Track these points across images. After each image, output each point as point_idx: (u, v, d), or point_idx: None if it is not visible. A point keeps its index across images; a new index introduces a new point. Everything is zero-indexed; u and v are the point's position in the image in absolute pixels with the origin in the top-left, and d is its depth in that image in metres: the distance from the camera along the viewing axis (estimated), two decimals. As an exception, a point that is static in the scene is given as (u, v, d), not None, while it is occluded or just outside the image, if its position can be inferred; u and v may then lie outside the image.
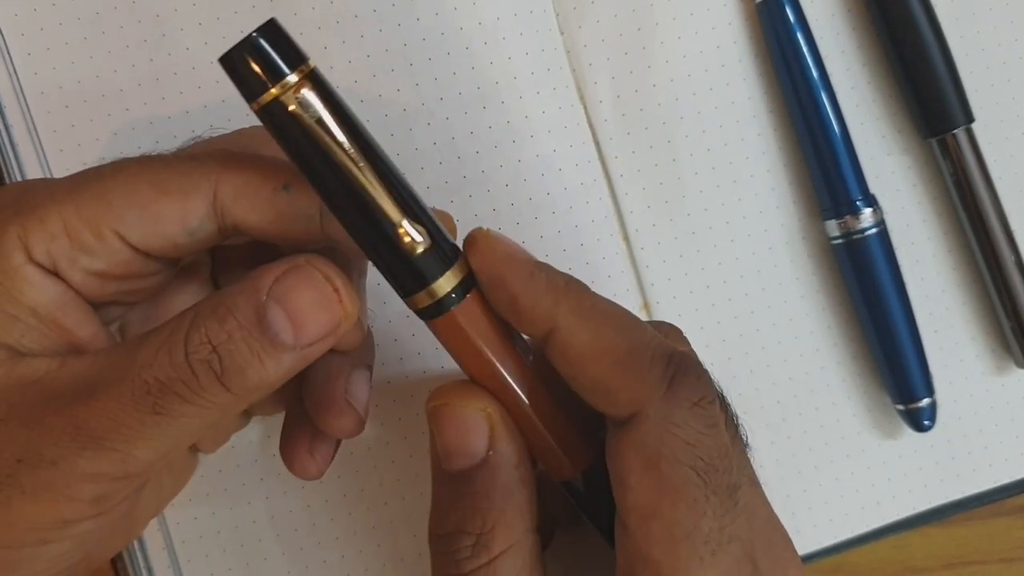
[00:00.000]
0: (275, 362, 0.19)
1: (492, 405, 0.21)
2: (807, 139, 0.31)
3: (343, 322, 0.20)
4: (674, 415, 0.20)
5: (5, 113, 0.29)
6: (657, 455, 0.19)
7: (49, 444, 0.19)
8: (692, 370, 0.20)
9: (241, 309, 0.19)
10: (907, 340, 0.31)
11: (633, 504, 0.20)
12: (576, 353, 0.20)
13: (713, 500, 0.19)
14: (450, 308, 0.21)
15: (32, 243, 0.20)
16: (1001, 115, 0.33)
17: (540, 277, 0.21)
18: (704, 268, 0.32)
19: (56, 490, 0.19)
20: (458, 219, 0.30)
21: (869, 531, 0.32)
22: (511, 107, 0.30)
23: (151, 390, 0.19)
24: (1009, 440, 0.33)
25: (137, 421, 0.19)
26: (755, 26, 0.32)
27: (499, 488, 0.21)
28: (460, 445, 0.21)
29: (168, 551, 0.30)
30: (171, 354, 0.19)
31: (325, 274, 0.20)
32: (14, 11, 0.29)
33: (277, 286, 0.19)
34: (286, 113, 0.19)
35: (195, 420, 0.19)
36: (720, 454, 0.20)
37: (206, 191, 0.21)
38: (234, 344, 0.19)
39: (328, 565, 0.31)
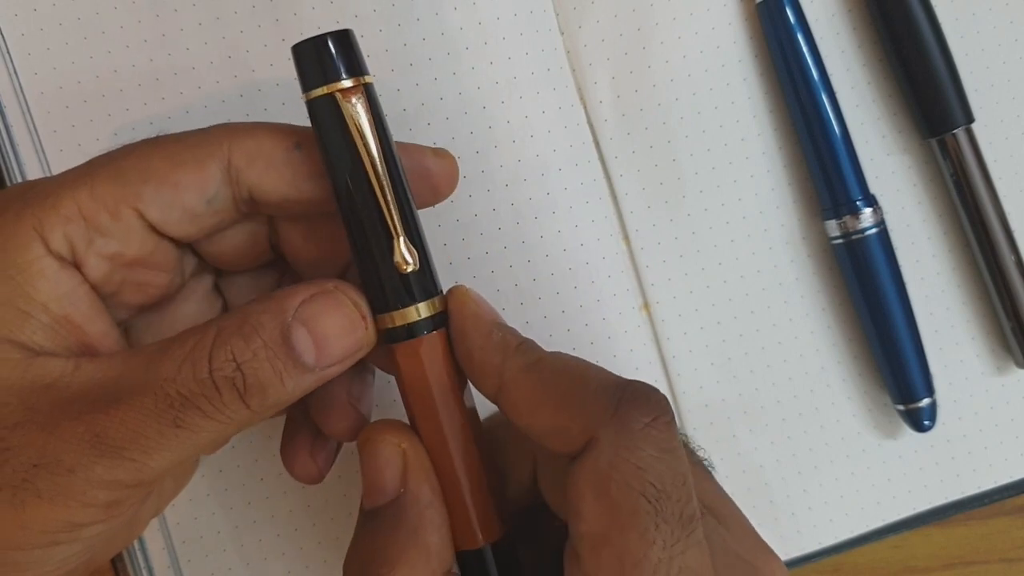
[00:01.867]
0: (295, 382, 0.20)
1: (409, 442, 0.21)
2: (807, 139, 0.31)
3: (364, 348, 0.21)
4: (624, 438, 0.19)
5: (5, 113, 0.29)
6: (607, 480, 0.19)
7: (68, 451, 0.19)
8: (643, 392, 0.20)
9: (267, 328, 0.20)
10: (907, 340, 0.31)
11: (585, 532, 0.19)
12: (524, 403, 0.21)
13: (664, 529, 0.19)
14: (414, 336, 0.21)
15: (48, 231, 0.20)
16: (1001, 115, 0.33)
17: (496, 336, 0.22)
18: (704, 268, 0.32)
19: (71, 495, 0.19)
20: (458, 219, 0.30)
21: (869, 531, 0.32)
22: (511, 107, 0.30)
23: (174, 404, 0.19)
24: (1009, 440, 0.33)
25: (157, 433, 0.19)
26: (755, 26, 0.32)
27: (404, 528, 0.20)
28: (374, 481, 0.21)
29: (168, 551, 0.30)
30: (195, 369, 0.19)
31: (354, 301, 0.21)
32: (14, 11, 0.29)
33: (304, 308, 0.20)
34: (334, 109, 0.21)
35: (212, 434, 0.19)
36: (674, 480, 0.19)
37: (220, 158, 0.21)
38: (258, 363, 0.19)
39: (328, 565, 0.31)
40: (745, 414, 0.32)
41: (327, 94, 0.21)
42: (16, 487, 0.19)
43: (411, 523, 0.21)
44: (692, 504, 0.19)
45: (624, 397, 0.20)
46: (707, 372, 0.32)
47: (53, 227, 0.20)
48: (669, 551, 0.19)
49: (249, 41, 0.30)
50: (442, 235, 0.30)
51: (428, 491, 0.21)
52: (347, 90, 0.21)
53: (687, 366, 0.32)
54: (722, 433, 0.32)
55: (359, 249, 0.21)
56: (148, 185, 0.21)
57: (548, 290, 0.30)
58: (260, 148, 0.21)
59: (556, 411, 0.20)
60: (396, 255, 0.21)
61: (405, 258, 0.21)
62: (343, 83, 0.21)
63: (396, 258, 0.21)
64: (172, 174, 0.21)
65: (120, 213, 0.21)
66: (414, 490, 0.21)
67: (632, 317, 0.31)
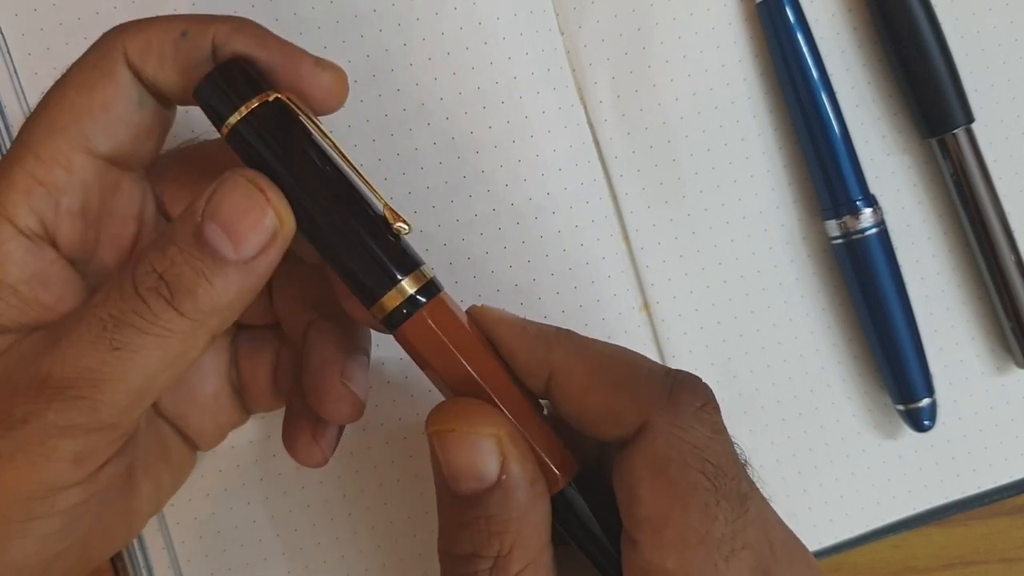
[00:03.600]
0: (221, 279, 0.19)
1: (502, 427, 0.21)
2: (807, 139, 0.31)
3: (280, 230, 0.20)
4: (679, 419, 0.20)
5: (5, 113, 0.29)
6: (665, 460, 0.19)
7: (18, 403, 0.19)
8: (692, 379, 0.21)
9: (179, 234, 0.19)
10: (907, 340, 0.31)
11: (644, 515, 0.19)
12: (576, 388, 0.21)
13: (724, 505, 0.19)
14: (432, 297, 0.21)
15: (13, 210, 0.20)
16: (1001, 115, 0.33)
17: (530, 330, 0.22)
18: (704, 268, 0.32)
19: (31, 449, 0.19)
20: (458, 219, 0.30)
21: (869, 531, 0.32)
22: (511, 107, 0.30)
23: (107, 326, 0.19)
24: (1009, 440, 0.33)
25: (98, 361, 0.19)
26: (755, 26, 0.32)
27: (515, 511, 0.20)
28: (470, 470, 0.20)
29: (168, 551, 0.30)
30: (121, 289, 0.19)
31: (249, 178, 0.20)
32: (14, 11, 0.29)
33: (209, 204, 0.20)
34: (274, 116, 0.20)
35: (156, 354, 0.19)
36: (728, 459, 0.20)
37: (121, 60, 0.21)
38: (177, 268, 0.19)
39: (328, 565, 0.31)
40: (745, 414, 0.32)
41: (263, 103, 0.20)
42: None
43: (521, 505, 0.20)
44: (744, 483, 0.20)
45: (676, 383, 0.20)
46: (707, 372, 0.32)
47: (17, 205, 0.20)
48: (732, 526, 0.19)
49: (249, 41, 0.30)
50: (442, 235, 0.30)
51: (532, 470, 0.21)
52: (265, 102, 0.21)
53: (687, 366, 0.31)
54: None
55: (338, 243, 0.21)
56: (82, 121, 0.21)
57: (548, 290, 0.30)
58: (149, 43, 0.21)
59: (609, 395, 0.20)
60: (392, 221, 0.21)
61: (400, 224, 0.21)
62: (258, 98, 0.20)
63: (394, 225, 0.21)
64: (96, 99, 0.21)
65: (72, 162, 0.20)
66: (517, 473, 0.20)
67: (632, 317, 0.31)
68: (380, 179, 0.30)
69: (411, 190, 0.30)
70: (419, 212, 0.30)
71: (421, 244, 0.30)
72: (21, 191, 0.20)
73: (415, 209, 0.30)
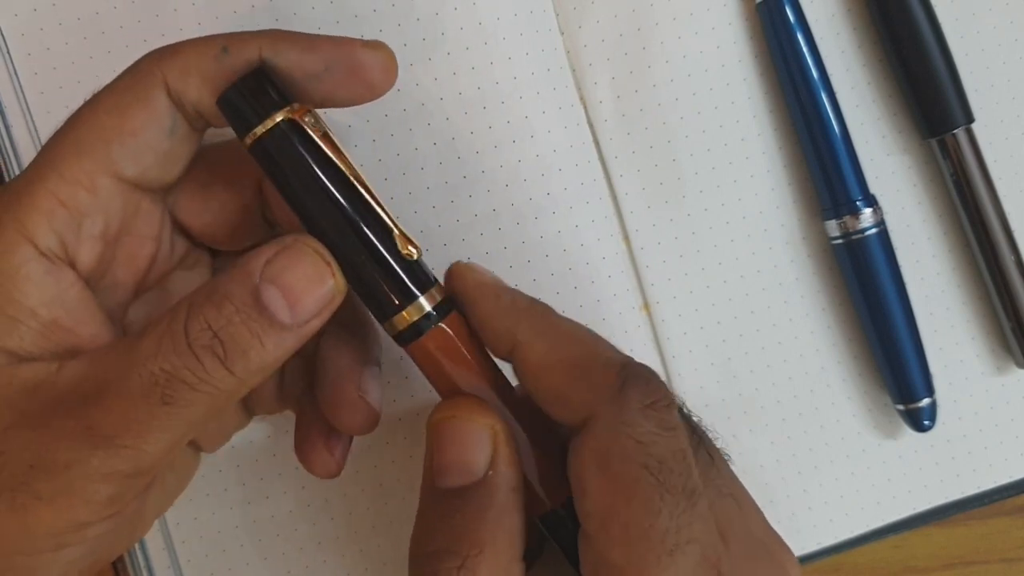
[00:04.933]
0: (274, 341, 0.20)
1: (499, 423, 0.21)
2: (807, 139, 0.31)
3: (336, 296, 0.21)
4: (624, 415, 0.20)
5: (5, 113, 0.29)
6: (608, 455, 0.19)
7: (61, 448, 0.19)
8: (644, 375, 0.21)
9: (236, 293, 0.19)
10: (907, 340, 0.31)
11: (591, 508, 0.19)
12: (533, 364, 0.21)
13: (668, 499, 0.19)
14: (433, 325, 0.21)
15: (33, 231, 0.20)
16: (1001, 115, 0.33)
17: (504, 299, 0.22)
18: (704, 268, 0.32)
19: (72, 493, 0.19)
20: (458, 219, 0.30)
21: (869, 531, 0.32)
22: (511, 107, 0.30)
23: (158, 381, 0.19)
24: (1009, 440, 0.33)
25: (147, 415, 0.19)
26: (755, 26, 0.32)
27: (494, 510, 0.20)
28: (460, 461, 0.21)
29: (168, 551, 0.30)
30: (174, 343, 0.19)
31: (315, 249, 0.20)
32: (14, 11, 0.29)
33: (269, 267, 0.20)
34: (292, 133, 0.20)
35: (201, 408, 0.19)
36: (675, 456, 0.19)
37: (159, 86, 0.21)
38: (234, 328, 0.19)
39: (328, 565, 0.31)
40: (745, 414, 0.32)
41: (283, 121, 0.20)
42: (15, 490, 0.19)
43: (501, 505, 0.20)
44: (693, 478, 0.20)
45: (628, 379, 0.20)
46: (707, 372, 0.32)
47: (37, 225, 0.20)
48: (676, 520, 0.19)
49: (249, 41, 0.30)
50: (442, 235, 0.30)
51: (517, 473, 0.21)
52: (297, 111, 0.21)
53: (687, 366, 0.32)
54: (722, 433, 0.31)
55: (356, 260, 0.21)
56: (111, 145, 0.20)
57: (548, 290, 0.30)
58: (188, 63, 0.21)
59: (563, 378, 0.21)
60: (401, 247, 0.21)
61: (410, 248, 0.21)
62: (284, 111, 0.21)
63: (402, 250, 0.21)
64: (127, 123, 0.21)
65: (96, 185, 0.20)
66: (504, 472, 0.21)
67: (632, 317, 0.31)
68: (380, 179, 0.30)
69: (411, 190, 0.30)
70: (419, 212, 0.30)
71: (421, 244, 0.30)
72: (43, 211, 0.20)
73: (415, 209, 0.30)
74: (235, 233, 0.24)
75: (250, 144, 0.21)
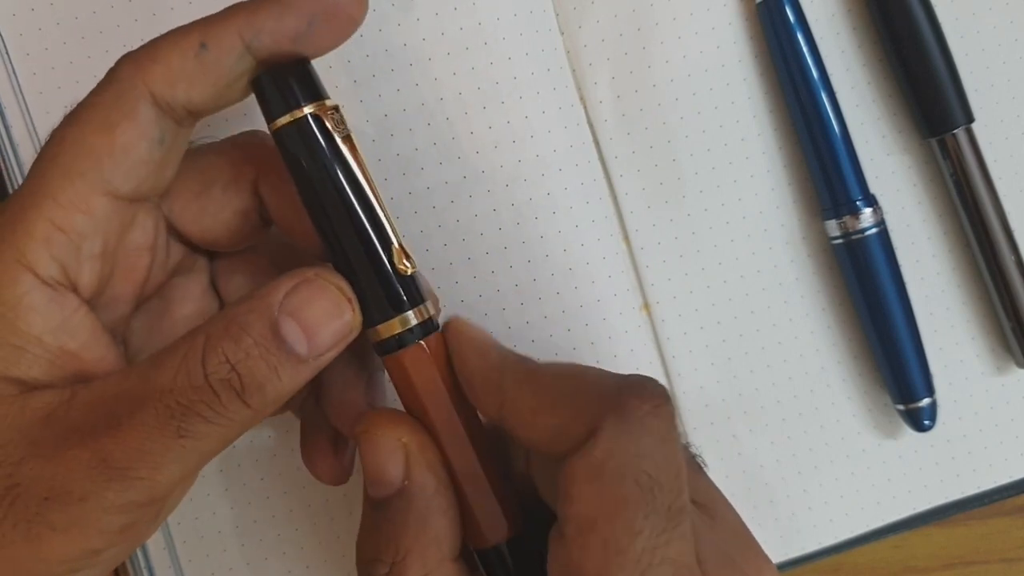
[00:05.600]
0: (290, 375, 0.20)
1: (410, 435, 0.21)
2: (807, 139, 0.31)
3: (354, 331, 0.21)
4: (625, 425, 0.19)
5: (4, 113, 0.29)
6: (602, 466, 0.19)
7: (76, 480, 0.19)
8: (643, 382, 0.20)
9: (255, 326, 0.19)
10: (907, 340, 0.31)
11: (574, 513, 0.19)
12: (526, 411, 0.21)
13: (652, 520, 0.19)
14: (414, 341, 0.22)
15: (33, 260, 0.20)
16: (1001, 115, 0.33)
17: (492, 355, 0.22)
18: (704, 268, 0.32)
19: (87, 524, 0.19)
20: (458, 219, 0.30)
21: (869, 531, 0.32)
22: (511, 107, 0.30)
23: (175, 414, 0.19)
24: (1009, 440, 0.33)
25: (162, 447, 0.19)
26: (755, 26, 0.32)
27: (413, 517, 0.21)
28: (378, 473, 0.21)
29: (169, 551, 0.30)
30: (190, 376, 0.19)
31: (338, 286, 0.21)
32: (12, 11, 0.29)
33: (289, 300, 0.20)
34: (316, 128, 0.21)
35: (217, 440, 0.19)
36: (668, 471, 0.19)
37: (143, 98, 0.20)
38: (252, 361, 0.19)
39: (329, 565, 0.31)
40: (745, 414, 0.32)
41: (310, 114, 0.21)
42: (30, 522, 0.18)
43: (419, 512, 0.21)
44: (683, 497, 0.19)
45: (625, 387, 0.20)
46: (707, 372, 0.32)
47: (37, 254, 0.20)
48: (654, 541, 0.19)
49: (248, 41, 0.29)
50: (442, 235, 0.30)
51: (433, 481, 0.21)
52: (319, 111, 0.21)
53: (687, 366, 0.32)
54: (722, 433, 0.32)
55: (354, 263, 0.21)
56: (103, 164, 0.20)
57: (548, 290, 0.30)
58: (170, 69, 0.20)
59: (557, 413, 0.21)
60: (398, 260, 0.21)
61: (404, 262, 0.21)
62: (313, 106, 0.21)
63: (398, 264, 0.21)
64: (116, 140, 0.20)
65: (92, 207, 0.20)
66: (419, 481, 0.21)
67: (632, 317, 0.31)
68: (380, 179, 0.30)
69: (411, 190, 0.30)
70: (419, 212, 0.30)
71: (422, 244, 0.30)
72: (41, 239, 0.20)
73: (415, 209, 0.30)
74: (233, 235, 0.24)
75: (274, 131, 0.21)
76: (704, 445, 0.32)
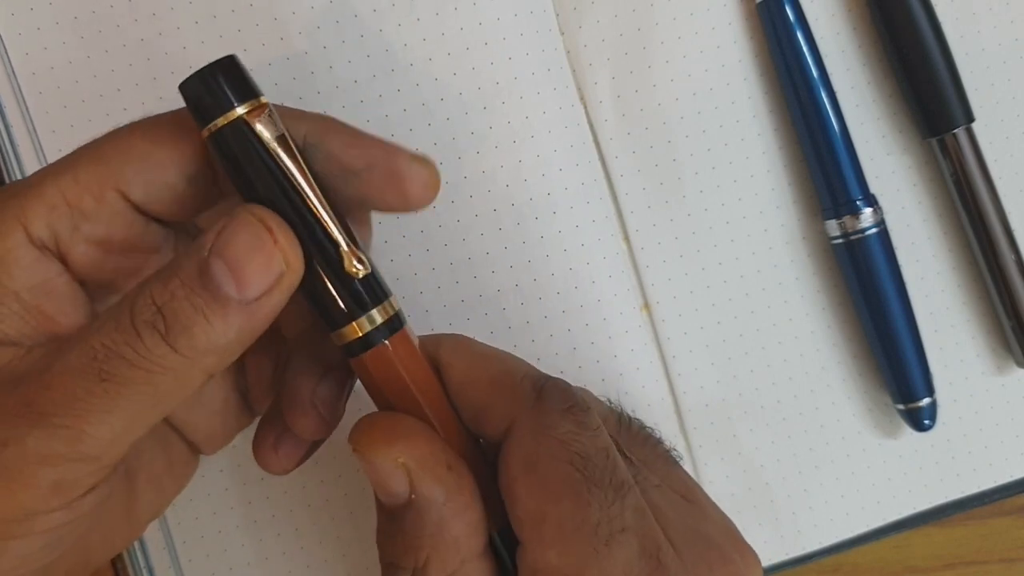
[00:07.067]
0: (221, 319, 0.19)
1: (407, 451, 0.21)
2: (807, 139, 0.31)
3: (287, 273, 0.20)
4: (544, 418, 0.20)
5: (4, 112, 0.29)
6: (534, 456, 0.20)
7: (1, 426, 0.18)
8: (560, 384, 0.21)
9: (184, 267, 0.19)
10: (907, 340, 0.31)
11: (523, 513, 0.20)
12: (455, 382, 0.22)
13: (596, 492, 0.19)
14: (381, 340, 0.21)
15: (30, 219, 0.20)
16: (1001, 115, 0.33)
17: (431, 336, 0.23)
18: (704, 268, 0.32)
19: (10, 475, 0.18)
20: (458, 219, 0.30)
21: (869, 531, 0.32)
22: (511, 107, 0.30)
23: (97, 356, 0.18)
24: (1009, 440, 0.33)
25: (84, 391, 0.18)
26: (755, 26, 0.32)
27: (428, 527, 0.20)
28: (383, 489, 0.21)
29: (169, 551, 0.30)
30: (118, 320, 0.19)
31: (260, 218, 0.19)
32: (11, 10, 0.29)
33: (218, 239, 0.19)
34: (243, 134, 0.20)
35: (146, 389, 0.19)
36: (599, 452, 0.20)
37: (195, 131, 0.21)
38: (177, 302, 0.19)
39: (330, 564, 0.31)
40: (745, 414, 0.32)
41: (234, 120, 0.20)
42: None
43: (433, 521, 0.20)
44: (619, 472, 0.20)
45: (545, 388, 0.21)
46: (707, 372, 0.32)
47: (36, 216, 0.20)
48: (607, 512, 0.19)
49: (247, 40, 0.29)
50: (443, 235, 0.30)
51: (442, 491, 0.21)
52: (252, 112, 0.20)
53: (687, 366, 0.32)
54: (722, 433, 0.32)
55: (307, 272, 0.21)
56: (130, 166, 0.20)
57: (548, 290, 0.30)
58: None
59: (483, 392, 0.21)
60: (347, 264, 0.20)
61: (357, 263, 0.21)
62: (246, 106, 0.20)
63: (347, 267, 0.20)
64: (152, 153, 0.21)
65: (104, 196, 0.20)
66: (426, 495, 0.20)
67: (632, 317, 0.31)
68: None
69: (411, 190, 0.30)
70: (419, 212, 0.30)
71: (422, 244, 0.30)
72: (46, 204, 0.20)
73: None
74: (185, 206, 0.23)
75: (205, 137, 0.20)
76: (704, 445, 0.32)
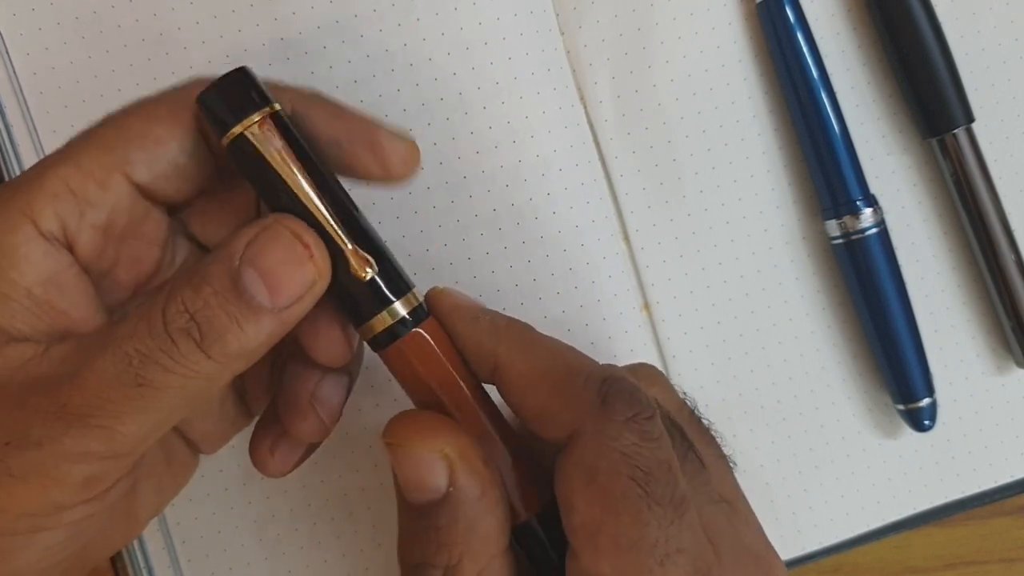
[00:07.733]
0: (254, 326, 0.19)
1: (450, 443, 0.21)
2: (807, 139, 0.31)
3: (318, 280, 0.20)
4: (607, 428, 0.20)
5: (5, 112, 0.29)
6: (595, 468, 0.19)
7: (35, 425, 0.18)
8: (625, 389, 0.21)
9: (215, 276, 0.19)
10: (907, 340, 0.31)
11: (579, 523, 0.19)
12: (516, 384, 0.21)
13: (656, 510, 0.19)
14: (400, 336, 0.21)
15: (37, 211, 0.20)
16: (1001, 115, 0.33)
17: (483, 320, 0.22)
18: (704, 268, 0.32)
19: (45, 472, 0.19)
20: (458, 219, 0.30)
21: (869, 531, 0.32)
22: (511, 107, 0.30)
23: (132, 362, 0.19)
24: (1009, 440, 0.33)
25: (121, 395, 0.19)
26: (755, 26, 0.32)
27: (462, 523, 0.20)
28: (419, 483, 0.21)
29: (168, 551, 0.30)
30: (150, 325, 0.19)
31: (294, 231, 0.20)
32: (12, 11, 0.29)
33: (249, 249, 0.20)
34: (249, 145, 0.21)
35: (179, 392, 0.19)
36: (660, 466, 0.19)
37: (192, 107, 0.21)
38: (211, 310, 0.19)
39: (329, 564, 0.31)
40: (745, 414, 0.32)
41: (240, 133, 0.20)
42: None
43: (468, 516, 0.20)
44: (680, 488, 0.20)
45: (610, 393, 0.20)
46: (707, 372, 0.32)
47: (42, 207, 0.20)
48: (665, 531, 0.19)
49: (247, 39, 0.29)
50: (443, 235, 0.30)
51: (479, 485, 0.21)
52: (257, 123, 0.21)
53: (687, 366, 0.32)
54: (722, 433, 0.32)
55: None
56: (131, 146, 0.21)
57: (548, 290, 0.30)
58: None
59: (547, 395, 0.21)
60: (352, 267, 0.21)
61: (362, 267, 0.21)
62: (252, 118, 0.20)
63: (354, 270, 0.21)
64: (151, 131, 0.21)
65: (107, 181, 0.21)
66: (465, 487, 0.20)
67: (632, 317, 0.31)
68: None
69: (411, 190, 0.30)
70: (419, 212, 0.30)
71: (422, 244, 0.30)
72: (50, 194, 0.20)
73: (415, 209, 0.30)
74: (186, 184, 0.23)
75: (228, 143, 0.21)
76: (704, 445, 0.32)
